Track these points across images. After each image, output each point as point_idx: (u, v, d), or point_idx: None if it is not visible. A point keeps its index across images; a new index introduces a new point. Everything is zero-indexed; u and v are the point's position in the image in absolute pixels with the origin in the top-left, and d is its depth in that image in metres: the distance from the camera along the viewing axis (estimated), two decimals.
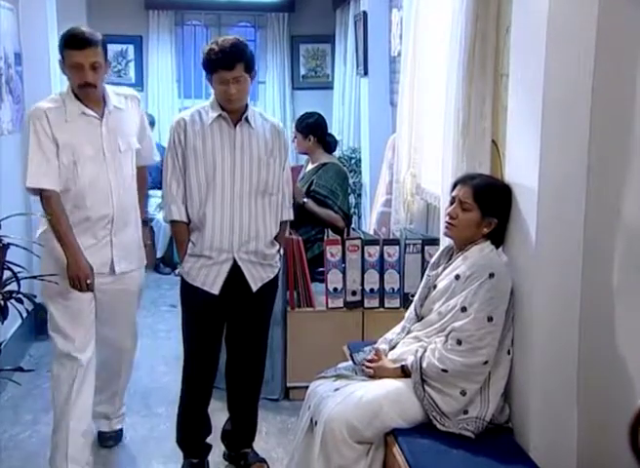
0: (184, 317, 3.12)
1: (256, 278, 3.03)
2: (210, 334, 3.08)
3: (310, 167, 4.52)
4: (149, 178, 3.50)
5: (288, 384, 3.97)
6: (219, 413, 3.38)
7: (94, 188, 2.98)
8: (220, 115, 2.92)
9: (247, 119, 2.95)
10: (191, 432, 3.19)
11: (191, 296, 3.04)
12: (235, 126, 2.94)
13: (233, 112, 2.93)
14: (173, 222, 3.03)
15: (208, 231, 2.94)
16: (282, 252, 3.18)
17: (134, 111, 3.18)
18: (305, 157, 4.78)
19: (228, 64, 2.80)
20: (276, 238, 3.09)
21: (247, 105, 2.97)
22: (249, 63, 2.86)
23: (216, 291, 2.98)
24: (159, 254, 6.63)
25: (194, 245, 2.98)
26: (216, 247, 2.95)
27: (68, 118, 2.95)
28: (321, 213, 4.30)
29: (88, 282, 2.97)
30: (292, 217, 3.21)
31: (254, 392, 3.28)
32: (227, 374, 3.25)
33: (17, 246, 2.62)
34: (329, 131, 4.73)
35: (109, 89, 3.08)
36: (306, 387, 2.82)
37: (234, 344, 3.17)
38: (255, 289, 3.02)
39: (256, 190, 2.97)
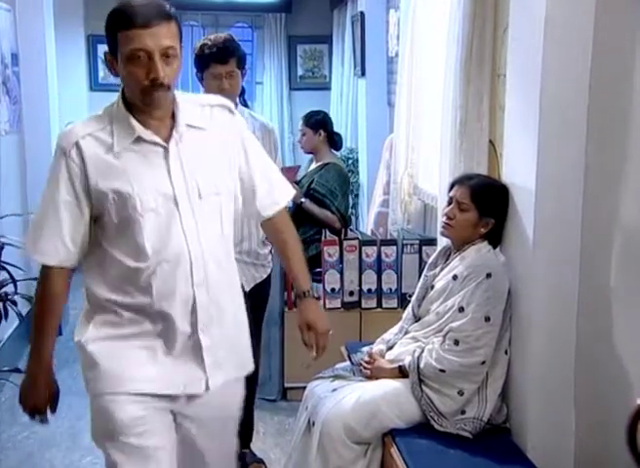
0: None
1: (248, 278, 3.01)
2: None
3: (313, 166, 4.53)
4: None
5: (285, 385, 3.96)
6: None
7: (161, 258, 1.87)
8: None
9: None
10: None
11: None
12: None
13: None
14: None
15: None
16: (274, 251, 3.15)
17: (226, 129, 2.02)
18: (308, 158, 4.78)
19: (222, 58, 2.83)
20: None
21: (236, 104, 2.96)
22: (241, 59, 2.90)
23: None
24: None
25: None
26: None
27: (117, 147, 1.86)
28: (318, 213, 4.30)
29: (43, 414, 2.18)
30: None
31: (248, 392, 3.26)
32: None
33: (12, 246, 2.63)
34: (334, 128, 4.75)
35: (182, 97, 1.94)
36: (304, 388, 2.81)
37: None
38: (247, 288, 2.99)
39: None
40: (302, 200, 4.28)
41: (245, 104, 5.85)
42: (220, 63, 2.83)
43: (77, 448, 3.44)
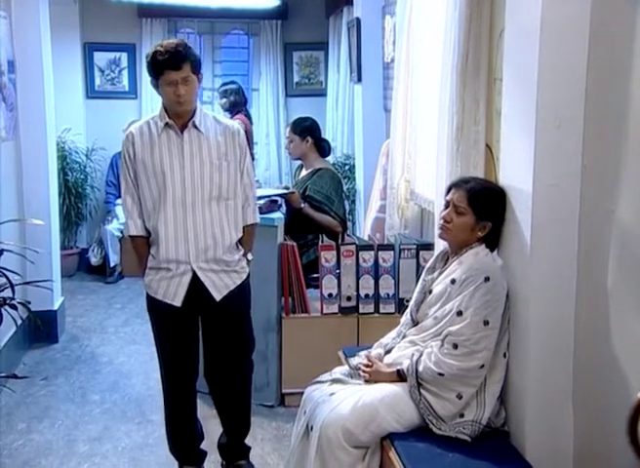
0: (153, 329, 3.07)
1: (219, 286, 2.95)
2: (180, 345, 3.02)
3: (304, 172, 4.52)
4: None
5: (283, 390, 3.95)
6: (214, 421, 3.37)
7: None
8: (166, 124, 2.88)
9: (194, 124, 2.89)
10: (181, 440, 3.16)
11: (156, 309, 3.00)
12: (182, 132, 2.89)
13: (181, 117, 2.88)
14: (131, 237, 3.00)
15: (162, 243, 2.89)
16: (250, 256, 3.08)
17: None
18: (297, 163, 4.77)
19: (176, 64, 2.77)
20: (241, 242, 3.03)
21: (195, 109, 2.91)
22: (195, 64, 2.84)
23: (177, 303, 2.92)
24: None
25: (153, 257, 2.94)
26: (172, 258, 2.89)
27: None
28: (319, 218, 4.29)
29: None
30: (257, 221, 3.11)
31: (239, 399, 3.19)
32: (208, 383, 3.18)
33: (10, 252, 2.62)
34: (322, 135, 4.74)
35: None
36: (302, 394, 2.81)
37: (210, 355, 3.11)
38: (219, 298, 2.95)
39: (209, 196, 2.90)
40: (302, 205, 4.27)
41: (247, 115, 5.88)
42: (173, 70, 2.77)
43: (73, 455, 3.42)
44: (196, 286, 2.92)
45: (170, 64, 2.77)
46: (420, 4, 3.80)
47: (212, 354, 3.11)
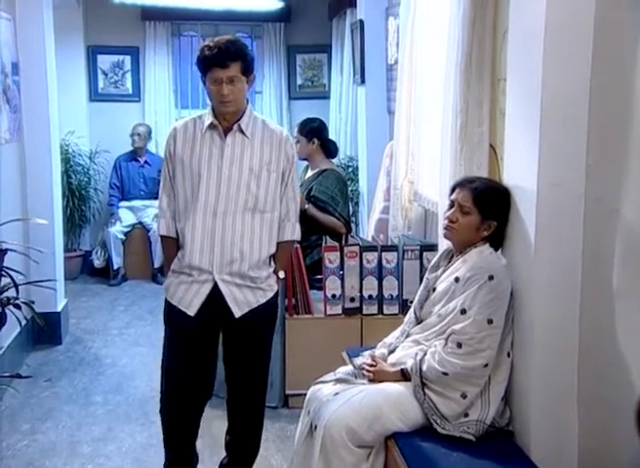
0: (165, 333, 2.91)
1: (240, 302, 2.76)
2: (188, 357, 2.82)
3: (310, 173, 4.52)
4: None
5: (287, 392, 3.95)
6: (218, 422, 3.37)
7: None
8: (211, 124, 2.72)
9: (240, 127, 2.72)
10: (175, 443, 3.00)
11: (171, 315, 2.84)
12: (226, 135, 2.72)
13: (227, 119, 2.71)
14: (161, 237, 2.88)
15: (187, 248, 2.73)
16: (282, 275, 2.91)
17: None
18: (304, 164, 4.78)
19: (222, 62, 2.59)
20: (274, 259, 2.85)
21: (244, 111, 2.73)
22: (246, 64, 2.64)
23: (191, 312, 2.75)
24: (157, 265, 6.63)
25: (178, 260, 2.79)
26: (195, 265, 2.73)
27: None
28: (323, 219, 4.29)
29: None
30: (296, 237, 2.91)
31: (252, 428, 3.03)
32: (227, 406, 3.03)
33: (14, 251, 2.62)
34: (329, 136, 4.74)
35: None
36: (305, 395, 2.80)
37: (230, 376, 2.95)
38: (238, 314, 2.75)
39: (244, 206, 2.71)
40: (306, 206, 4.27)
41: None
42: (220, 67, 2.59)
43: (77, 456, 3.42)
44: (216, 297, 2.74)
45: (216, 61, 2.60)
46: (424, 5, 3.80)
47: (233, 378, 2.94)
